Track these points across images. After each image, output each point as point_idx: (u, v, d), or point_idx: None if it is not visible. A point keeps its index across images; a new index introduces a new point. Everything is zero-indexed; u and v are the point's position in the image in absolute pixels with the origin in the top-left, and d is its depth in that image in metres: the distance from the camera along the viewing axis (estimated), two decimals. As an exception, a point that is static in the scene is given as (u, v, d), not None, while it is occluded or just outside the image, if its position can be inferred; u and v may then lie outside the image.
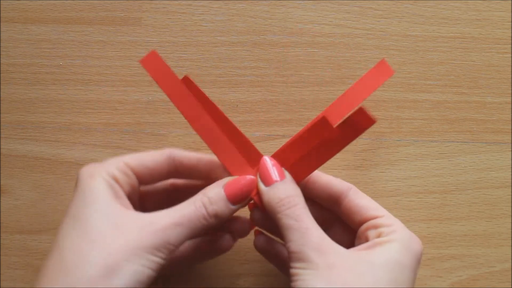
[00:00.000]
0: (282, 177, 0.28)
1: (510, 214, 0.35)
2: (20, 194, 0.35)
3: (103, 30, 0.37)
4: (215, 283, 0.34)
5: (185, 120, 0.27)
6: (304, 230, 0.26)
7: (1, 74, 0.37)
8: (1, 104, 0.36)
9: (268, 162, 0.28)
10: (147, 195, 0.31)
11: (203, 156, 0.30)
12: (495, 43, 0.36)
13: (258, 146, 0.35)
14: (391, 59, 0.36)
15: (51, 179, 0.35)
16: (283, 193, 0.27)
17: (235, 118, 0.36)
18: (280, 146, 0.30)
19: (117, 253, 0.24)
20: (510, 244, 0.34)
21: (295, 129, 0.35)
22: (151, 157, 0.29)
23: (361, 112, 0.26)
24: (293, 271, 0.26)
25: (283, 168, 0.28)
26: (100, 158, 0.35)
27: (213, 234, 0.31)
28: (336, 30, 0.36)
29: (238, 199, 0.27)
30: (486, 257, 0.34)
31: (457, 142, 0.35)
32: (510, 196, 0.35)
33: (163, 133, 0.36)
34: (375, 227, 0.28)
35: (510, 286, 0.34)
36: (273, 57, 0.36)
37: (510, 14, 0.36)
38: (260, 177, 0.28)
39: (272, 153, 0.29)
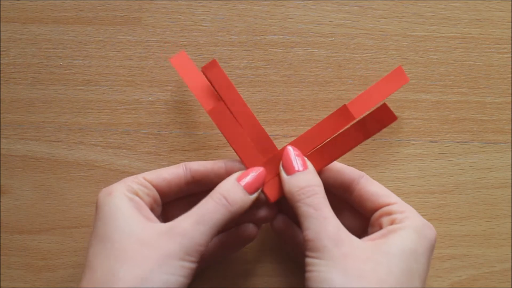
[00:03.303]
0: (304, 167, 0.28)
1: (510, 214, 0.35)
2: (20, 194, 0.35)
3: (103, 30, 0.37)
4: (216, 283, 0.34)
5: (185, 120, 0.28)
6: (322, 219, 0.26)
7: (1, 74, 0.37)
8: (1, 104, 0.36)
9: (292, 152, 0.29)
10: (171, 209, 0.31)
11: (216, 161, 0.30)
12: (495, 43, 0.36)
13: (258, 146, 0.36)
14: (391, 59, 0.36)
15: (51, 179, 0.35)
16: (304, 182, 0.28)
17: (235, 118, 0.36)
18: (280, 146, 0.30)
19: (145, 266, 0.24)
20: (510, 244, 0.34)
21: (295, 129, 0.35)
22: (167, 170, 0.30)
23: (384, 108, 0.28)
24: (308, 260, 0.26)
25: (306, 158, 0.29)
26: (100, 158, 0.35)
27: (235, 226, 0.31)
28: (336, 30, 0.36)
29: (253, 188, 0.28)
30: (486, 257, 0.34)
31: (457, 142, 0.35)
32: (510, 196, 0.35)
33: (163, 133, 0.36)
34: (388, 214, 0.28)
35: (510, 286, 0.34)
36: (273, 57, 0.36)
37: (510, 14, 0.36)
38: (283, 166, 0.29)
39: (292, 140, 0.30)
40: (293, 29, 0.36)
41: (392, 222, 0.27)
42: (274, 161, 0.30)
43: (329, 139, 0.30)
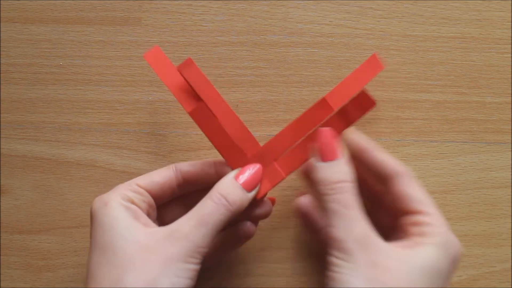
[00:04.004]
0: (339, 155, 0.27)
1: (510, 214, 0.35)
2: (20, 194, 0.35)
3: (103, 30, 0.37)
4: (216, 283, 0.34)
5: (185, 120, 0.27)
6: (351, 219, 0.25)
7: (1, 74, 0.37)
8: (1, 104, 0.36)
9: (328, 135, 0.27)
10: (165, 210, 0.31)
11: (206, 160, 0.30)
12: (495, 43, 0.36)
13: (258, 146, 0.36)
14: (391, 59, 0.36)
15: (51, 179, 0.35)
16: (337, 176, 0.26)
17: (235, 118, 0.36)
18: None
19: (151, 271, 0.24)
20: (510, 244, 0.34)
21: (295, 129, 0.35)
22: (158, 173, 0.29)
23: (363, 95, 0.28)
24: (332, 259, 0.25)
25: (340, 145, 0.27)
26: (100, 158, 0.35)
27: (233, 224, 0.30)
28: (336, 30, 0.36)
29: (251, 185, 0.28)
30: (486, 257, 0.34)
31: (457, 142, 0.35)
32: (510, 196, 0.35)
33: (163, 133, 0.36)
34: (417, 224, 0.27)
35: (510, 286, 0.34)
36: (273, 57, 0.36)
37: (510, 14, 0.36)
38: (317, 150, 0.27)
39: (273, 136, 0.29)
40: (293, 29, 0.36)
41: (419, 234, 0.26)
42: (258, 157, 0.29)
43: (311, 131, 0.29)
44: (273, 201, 0.32)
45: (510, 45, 0.36)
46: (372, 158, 0.28)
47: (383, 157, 0.28)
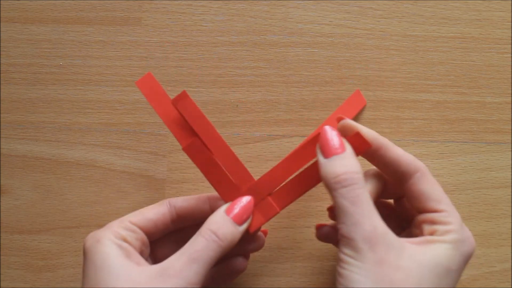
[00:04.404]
0: (342, 149, 0.26)
1: (510, 214, 0.35)
2: (20, 194, 0.35)
3: (103, 30, 0.37)
4: (216, 283, 0.34)
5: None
6: (358, 216, 0.25)
7: (1, 74, 0.37)
8: (1, 104, 0.36)
9: (329, 132, 0.27)
10: (158, 246, 0.30)
11: (201, 195, 0.30)
12: (495, 43, 0.36)
13: (258, 146, 0.36)
14: (391, 59, 0.36)
15: (51, 179, 0.35)
16: (341, 168, 0.26)
17: (235, 118, 0.36)
18: (280, 146, 0.30)
19: None
20: (510, 244, 0.34)
21: (295, 129, 0.35)
22: (151, 210, 0.29)
23: (358, 136, 0.27)
24: (341, 256, 0.25)
25: (344, 140, 0.27)
26: (100, 158, 0.35)
27: (225, 260, 0.30)
28: (336, 30, 0.36)
29: (242, 219, 0.27)
30: (486, 257, 0.34)
31: (457, 142, 0.35)
32: (510, 196, 0.35)
33: (163, 133, 0.36)
34: (432, 222, 0.26)
35: (510, 286, 0.34)
36: (273, 57, 0.36)
37: (510, 14, 0.36)
38: (320, 147, 0.27)
39: (268, 171, 0.29)
40: (293, 29, 0.36)
41: (432, 233, 0.26)
42: (252, 192, 0.29)
43: (305, 166, 0.29)
44: (265, 233, 0.31)
45: (510, 45, 0.36)
46: (388, 156, 0.27)
47: (399, 153, 0.27)
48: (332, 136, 0.27)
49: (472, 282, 0.34)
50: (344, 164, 0.26)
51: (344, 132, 0.28)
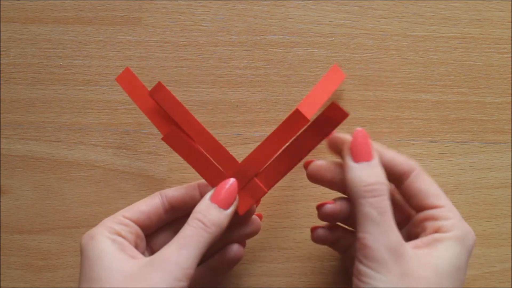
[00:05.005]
0: (372, 156, 0.26)
1: (510, 214, 0.35)
2: (20, 194, 0.35)
3: (103, 30, 0.37)
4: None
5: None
6: (386, 227, 0.24)
7: (1, 74, 0.37)
8: (1, 104, 0.36)
9: (363, 136, 0.27)
10: (155, 239, 0.31)
11: (190, 184, 0.30)
12: (495, 43, 0.36)
13: (258, 146, 0.35)
14: (391, 59, 0.36)
15: (51, 179, 0.35)
16: (373, 177, 0.26)
17: (235, 118, 0.36)
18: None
19: None
20: (510, 244, 0.34)
21: (295, 129, 0.35)
22: (143, 203, 0.29)
23: (334, 106, 0.27)
24: (362, 268, 0.24)
25: (372, 146, 0.27)
26: (100, 158, 0.36)
27: (221, 249, 0.30)
28: (336, 30, 0.36)
29: (228, 202, 0.27)
30: (486, 257, 0.34)
31: (457, 142, 0.35)
32: (510, 196, 0.35)
33: (163, 133, 0.36)
34: (434, 219, 0.27)
35: (510, 286, 0.34)
36: (273, 57, 0.36)
37: (510, 14, 0.36)
38: (351, 150, 0.27)
39: (253, 150, 0.29)
40: (293, 29, 0.36)
41: (437, 230, 0.26)
42: (238, 175, 0.29)
43: (288, 144, 0.29)
44: (260, 217, 0.31)
45: (510, 45, 0.36)
46: (383, 159, 0.27)
47: (393, 155, 0.28)
48: (366, 141, 0.27)
49: (472, 282, 0.34)
50: (374, 173, 0.26)
51: (335, 148, 0.28)
